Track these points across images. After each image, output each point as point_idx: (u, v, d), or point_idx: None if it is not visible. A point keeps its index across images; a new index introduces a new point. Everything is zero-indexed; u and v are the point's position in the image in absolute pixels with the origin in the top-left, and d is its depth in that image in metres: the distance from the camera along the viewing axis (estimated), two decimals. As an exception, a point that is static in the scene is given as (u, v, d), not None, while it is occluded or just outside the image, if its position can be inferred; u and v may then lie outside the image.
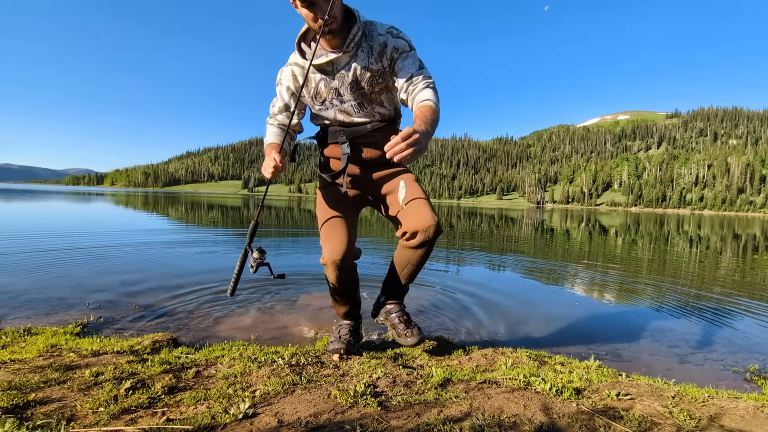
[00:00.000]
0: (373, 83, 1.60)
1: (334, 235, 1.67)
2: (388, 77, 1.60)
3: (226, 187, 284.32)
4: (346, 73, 1.57)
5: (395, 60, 1.55)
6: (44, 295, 2.80)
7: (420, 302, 3.01)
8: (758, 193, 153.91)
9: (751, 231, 16.65)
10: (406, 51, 1.55)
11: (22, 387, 1.18)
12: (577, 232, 12.81)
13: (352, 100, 1.63)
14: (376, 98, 1.65)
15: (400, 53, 1.55)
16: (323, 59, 1.55)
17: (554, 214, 36.54)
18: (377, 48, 1.54)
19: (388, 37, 1.54)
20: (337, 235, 1.67)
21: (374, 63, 1.56)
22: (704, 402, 1.21)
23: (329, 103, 1.66)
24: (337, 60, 1.55)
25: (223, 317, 2.49)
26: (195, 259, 4.52)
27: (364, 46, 1.54)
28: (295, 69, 1.66)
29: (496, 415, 1.08)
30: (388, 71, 1.58)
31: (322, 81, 1.62)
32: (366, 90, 1.60)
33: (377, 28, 1.55)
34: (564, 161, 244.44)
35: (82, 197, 27.20)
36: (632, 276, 4.70)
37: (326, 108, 1.68)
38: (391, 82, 1.62)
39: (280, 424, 1.02)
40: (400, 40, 1.55)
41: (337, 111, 1.68)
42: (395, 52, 1.54)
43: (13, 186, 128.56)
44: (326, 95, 1.64)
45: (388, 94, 1.67)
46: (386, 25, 1.56)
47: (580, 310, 3.09)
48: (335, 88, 1.61)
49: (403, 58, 1.55)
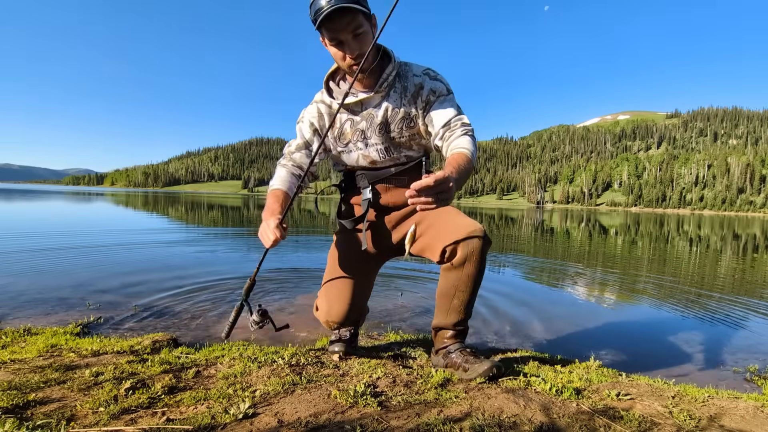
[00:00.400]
0: (404, 127, 1.47)
1: (335, 293, 1.52)
2: (420, 121, 1.47)
3: (226, 187, 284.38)
4: (375, 113, 1.46)
5: (431, 103, 1.44)
6: (44, 295, 2.80)
7: (419, 302, 3.01)
8: (758, 193, 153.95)
9: (751, 231, 16.65)
10: (444, 94, 1.44)
11: (22, 387, 1.18)
12: (577, 232, 12.81)
13: (379, 144, 1.50)
14: (405, 143, 1.52)
15: (437, 96, 1.44)
16: (352, 98, 1.45)
17: (554, 214, 36.55)
18: (412, 89, 1.44)
19: (424, 78, 1.44)
20: (338, 293, 1.51)
21: (407, 105, 1.45)
22: (704, 402, 1.21)
23: (353, 145, 1.52)
24: (367, 100, 1.45)
25: (223, 317, 2.49)
26: (195, 259, 4.52)
27: (398, 87, 1.45)
28: (321, 107, 1.54)
29: (496, 415, 1.08)
30: (422, 115, 1.46)
31: (348, 121, 1.50)
32: (395, 134, 1.48)
33: (412, 69, 1.46)
34: (564, 161, 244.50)
35: (82, 197, 27.20)
36: (632, 276, 4.70)
37: (349, 151, 1.55)
38: (423, 127, 1.49)
39: (280, 424, 1.02)
40: (438, 83, 1.44)
41: (360, 155, 1.54)
42: (432, 94, 1.44)
43: (13, 186, 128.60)
44: (351, 136, 1.51)
45: (419, 139, 1.53)
46: (422, 67, 1.47)
47: (580, 310, 3.09)
48: (362, 129, 1.49)
49: (440, 102, 1.44)
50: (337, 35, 1.28)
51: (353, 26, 1.27)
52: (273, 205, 1.41)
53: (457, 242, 1.36)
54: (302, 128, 1.56)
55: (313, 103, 1.56)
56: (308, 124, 1.54)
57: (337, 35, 1.28)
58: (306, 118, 1.56)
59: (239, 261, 4.58)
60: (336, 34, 1.28)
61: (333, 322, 1.51)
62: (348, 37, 1.28)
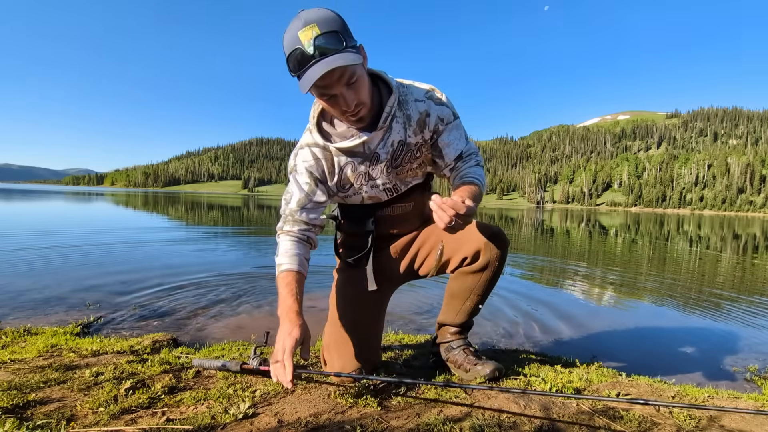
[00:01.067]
0: (411, 159, 1.33)
1: (345, 351, 1.37)
2: (426, 149, 1.35)
3: (226, 187, 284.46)
4: (380, 152, 1.28)
5: (440, 132, 1.32)
6: (44, 295, 2.80)
7: (419, 302, 3.01)
8: (758, 193, 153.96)
9: (751, 231, 16.64)
10: (451, 121, 1.32)
11: (22, 387, 1.18)
12: (577, 231, 12.81)
13: (388, 183, 1.35)
14: (412, 173, 1.39)
15: (446, 124, 1.31)
16: (354, 141, 1.23)
17: (554, 214, 36.55)
18: (416, 116, 1.28)
19: (429, 104, 1.28)
20: (348, 351, 1.36)
21: (413, 135, 1.29)
22: (704, 402, 1.21)
23: (356, 189, 1.35)
24: (369, 140, 1.25)
25: (223, 317, 2.49)
26: (195, 259, 4.52)
27: (399, 116, 1.27)
28: (315, 150, 1.29)
29: (496, 415, 1.08)
30: (429, 143, 1.34)
31: (348, 165, 1.30)
32: (402, 167, 1.34)
33: (413, 93, 1.28)
34: (564, 161, 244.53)
35: (82, 197, 27.20)
36: (632, 276, 4.70)
37: (351, 195, 1.37)
38: (429, 156, 1.37)
39: (280, 424, 1.02)
40: (445, 108, 1.30)
41: (365, 197, 1.38)
42: (440, 123, 1.30)
43: (13, 186, 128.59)
44: (353, 181, 1.33)
45: (425, 167, 1.41)
46: (423, 88, 1.30)
47: (580, 309, 3.09)
48: (365, 172, 1.32)
49: (449, 131, 1.32)
50: (328, 91, 1.07)
51: (346, 79, 1.05)
52: (287, 298, 1.20)
53: (478, 250, 1.33)
54: (299, 180, 1.30)
55: (305, 148, 1.30)
56: (306, 174, 1.29)
57: (328, 91, 1.07)
58: (301, 167, 1.30)
59: (239, 261, 4.58)
60: (326, 90, 1.07)
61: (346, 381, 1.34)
62: (341, 90, 1.07)
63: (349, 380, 1.32)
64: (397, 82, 1.27)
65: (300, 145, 1.32)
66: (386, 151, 1.28)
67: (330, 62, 0.99)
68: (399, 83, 1.27)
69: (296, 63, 1.03)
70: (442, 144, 1.32)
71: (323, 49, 1.00)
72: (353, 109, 1.12)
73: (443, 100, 1.30)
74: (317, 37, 0.99)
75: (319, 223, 1.34)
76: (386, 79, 1.24)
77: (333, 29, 1.01)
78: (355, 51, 1.05)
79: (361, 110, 1.14)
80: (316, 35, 0.99)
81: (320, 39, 0.99)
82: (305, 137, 1.31)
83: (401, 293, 3.21)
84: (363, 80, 1.11)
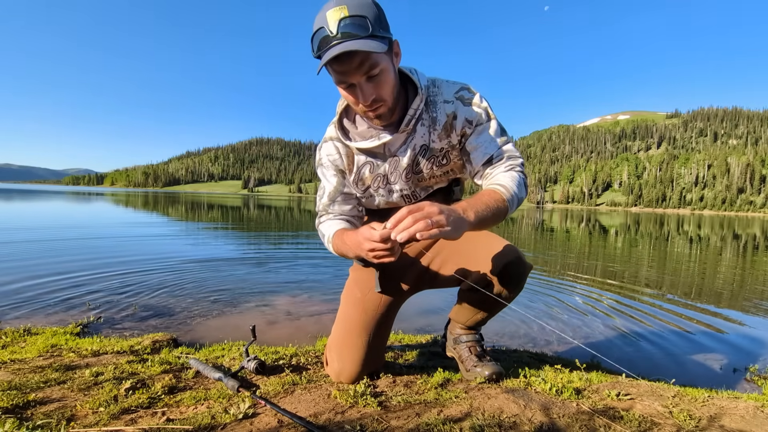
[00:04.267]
0: (435, 165, 1.25)
1: (347, 353, 1.33)
2: (455, 156, 1.26)
3: (226, 187, 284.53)
4: (401, 156, 1.22)
5: (467, 136, 1.21)
6: (44, 295, 2.81)
7: (418, 302, 3.01)
8: (758, 193, 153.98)
9: (751, 231, 16.64)
10: (482, 123, 1.20)
11: (22, 387, 1.18)
12: (577, 231, 12.81)
13: (406, 189, 1.29)
14: (437, 180, 1.31)
15: (474, 126, 1.20)
16: (374, 143, 1.18)
17: (554, 214, 36.55)
18: (443, 119, 1.19)
19: (458, 105, 1.18)
20: (351, 353, 1.33)
21: (438, 140, 1.21)
22: (704, 402, 1.21)
23: (373, 191, 1.30)
24: (390, 142, 1.19)
25: (223, 317, 2.49)
26: (195, 259, 4.52)
27: (425, 119, 1.19)
28: (338, 145, 1.27)
29: (496, 415, 1.08)
30: (458, 148, 1.24)
31: (367, 165, 1.26)
32: (424, 174, 1.26)
33: (443, 92, 1.19)
34: (564, 161, 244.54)
35: (82, 197, 27.19)
36: (632, 275, 4.70)
37: (369, 196, 1.33)
38: (459, 162, 1.28)
39: (280, 424, 1.02)
40: (475, 109, 1.19)
41: (382, 201, 1.34)
42: (468, 125, 1.20)
43: (13, 186, 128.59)
44: (371, 182, 1.28)
45: (453, 175, 1.33)
46: (455, 86, 1.20)
47: (580, 309, 3.09)
48: (384, 174, 1.26)
49: (478, 133, 1.20)
50: (346, 78, 1.02)
51: (366, 68, 0.99)
52: (350, 234, 1.13)
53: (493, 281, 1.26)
54: (326, 174, 1.30)
55: (329, 141, 1.28)
56: (332, 168, 1.28)
57: (346, 78, 1.02)
58: (326, 161, 1.29)
59: (239, 260, 4.58)
60: (344, 77, 1.02)
61: (346, 382, 1.32)
62: (360, 80, 1.01)
63: (349, 380, 1.32)
64: (429, 80, 1.20)
65: (324, 138, 1.30)
66: (408, 155, 1.22)
67: (348, 45, 0.93)
68: (430, 82, 1.20)
69: (318, 43, 0.98)
70: (470, 148, 1.22)
71: (347, 32, 0.94)
72: (370, 104, 1.05)
73: (474, 100, 1.20)
74: (344, 18, 0.94)
75: (356, 213, 1.33)
76: (415, 79, 1.16)
77: (362, 14, 0.96)
78: (383, 41, 0.98)
79: (380, 107, 1.08)
80: (343, 17, 0.94)
81: (346, 21, 0.94)
82: (329, 130, 1.28)
83: (401, 293, 3.21)
84: (387, 75, 1.04)
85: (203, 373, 1.35)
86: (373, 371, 1.40)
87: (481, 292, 1.27)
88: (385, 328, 1.42)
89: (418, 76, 1.16)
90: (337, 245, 1.22)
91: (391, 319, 1.45)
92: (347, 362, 1.32)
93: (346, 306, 1.42)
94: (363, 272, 1.42)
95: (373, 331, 1.37)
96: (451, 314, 1.53)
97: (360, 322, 1.36)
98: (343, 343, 1.35)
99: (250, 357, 1.38)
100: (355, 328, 1.36)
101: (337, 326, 1.42)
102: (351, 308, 1.40)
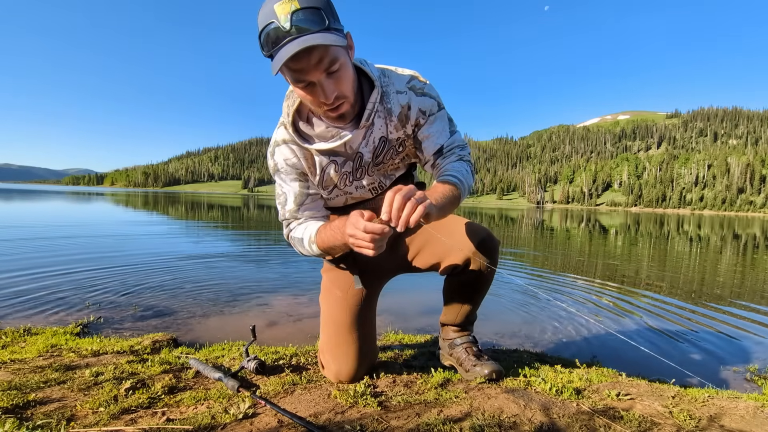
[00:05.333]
0: (393, 155, 1.26)
1: (341, 353, 1.33)
2: (409, 143, 1.27)
3: (226, 187, 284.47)
4: (363, 151, 1.20)
5: (421, 126, 1.22)
6: (44, 295, 2.81)
7: (419, 303, 3.01)
8: (758, 193, 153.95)
9: (751, 231, 16.64)
10: (434, 112, 1.22)
11: (22, 387, 1.18)
12: (578, 231, 12.81)
13: (373, 183, 1.29)
14: (395, 166, 1.31)
15: (428, 116, 1.21)
16: (336, 142, 1.14)
17: (554, 213, 36.55)
18: (397, 110, 1.18)
19: (411, 95, 1.18)
20: (345, 352, 1.33)
21: (395, 131, 1.21)
22: (704, 402, 1.21)
23: (339, 190, 1.29)
24: (352, 140, 1.16)
25: (223, 317, 2.49)
26: (195, 259, 4.52)
27: (380, 110, 1.16)
28: (293, 148, 1.20)
29: (496, 415, 1.08)
30: (412, 137, 1.25)
31: (331, 165, 1.22)
32: (385, 164, 1.27)
33: (394, 82, 1.17)
34: (564, 161, 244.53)
35: (82, 197, 27.20)
36: (632, 276, 4.70)
37: (334, 196, 1.31)
38: (412, 150, 1.29)
39: (280, 424, 1.02)
40: (427, 99, 1.20)
41: (348, 198, 1.32)
42: (421, 116, 1.20)
43: (13, 186, 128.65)
44: (338, 181, 1.26)
45: (408, 159, 1.34)
46: (405, 76, 1.18)
47: (580, 309, 3.09)
48: (349, 171, 1.24)
49: (430, 123, 1.22)
50: (304, 77, 0.94)
51: (326, 64, 0.93)
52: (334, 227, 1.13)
53: (469, 256, 1.28)
54: (285, 180, 1.24)
55: (282, 145, 1.20)
56: (292, 172, 1.22)
57: (304, 77, 0.94)
58: (283, 166, 1.22)
59: (240, 260, 4.58)
60: (302, 75, 0.94)
61: (346, 381, 1.32)
62: (320, 77, 0.94)
63: (348, 379, 1.32)
64: (378, 69, 1.16)
65: (276, 142, 1.21)
66: (369, 149, 1.20)
67: (307, 40, 0.87)
68: (380, 72, 1.16)
69: (269, 40, 0.90)
70: (422, 137, 1.23)
71: (301, 26, 0.87)
72: (332, 102, 0.99)
73: (425, 90, 1.20)
74: (296, 11, 0.87)
75: (325, 213, 1.31)
76: (367, 71, 1.11)
77: (314, 5, 0.89)
78: (339, 34, 0.94)
79: (342, 105, 1.02)
80: (294, 9, 0.87)
81: (299, 14, 0.87)
82: (280, 133, 1.20)
83: (402, 293, 3.22)
84: (347, 70, 0.99)
85: (203, 373, 1.35)
86: (372, 370, 1.41)
87: (464, 273, 1.32)
88: (371, 315, 1.44)
89: (370, 67, 1.12)
90: (325, 239, 1.17)
91: (375, 305, 1.47)
92: (343, 361, 1.32)
93: (329, 307, 1.42)
94: (337, 272, 1.42)
95: (362, 327, 1.38)
96: (441, 318, 1.54)
97: (347, 320, 1.37)
98: (335, 344, 1.35)
99: (250, 357, 1.38)
100: (344, 326, 1.36)
101: (325, 328, 1.41)
102: (335, 308, 1.39)
